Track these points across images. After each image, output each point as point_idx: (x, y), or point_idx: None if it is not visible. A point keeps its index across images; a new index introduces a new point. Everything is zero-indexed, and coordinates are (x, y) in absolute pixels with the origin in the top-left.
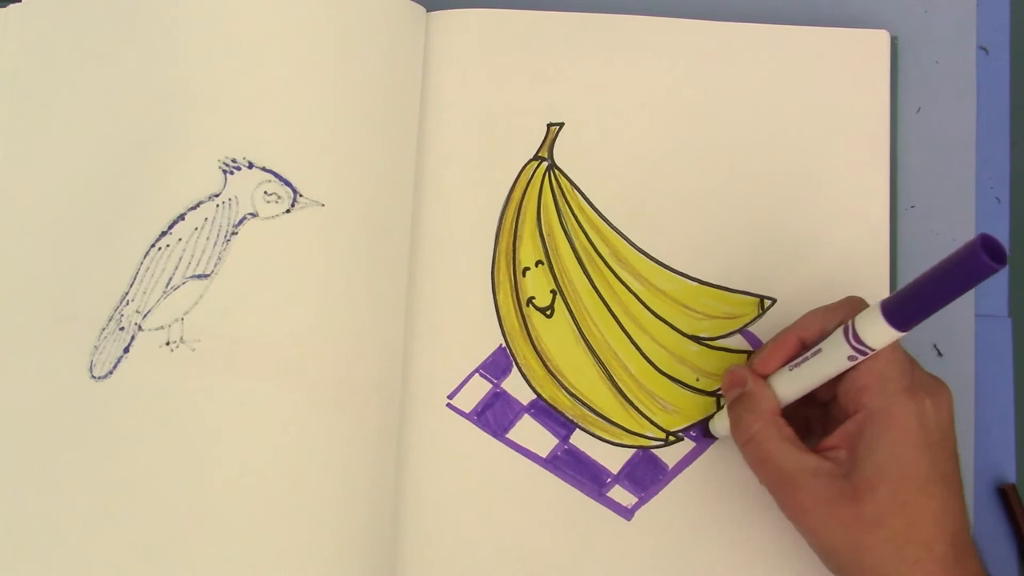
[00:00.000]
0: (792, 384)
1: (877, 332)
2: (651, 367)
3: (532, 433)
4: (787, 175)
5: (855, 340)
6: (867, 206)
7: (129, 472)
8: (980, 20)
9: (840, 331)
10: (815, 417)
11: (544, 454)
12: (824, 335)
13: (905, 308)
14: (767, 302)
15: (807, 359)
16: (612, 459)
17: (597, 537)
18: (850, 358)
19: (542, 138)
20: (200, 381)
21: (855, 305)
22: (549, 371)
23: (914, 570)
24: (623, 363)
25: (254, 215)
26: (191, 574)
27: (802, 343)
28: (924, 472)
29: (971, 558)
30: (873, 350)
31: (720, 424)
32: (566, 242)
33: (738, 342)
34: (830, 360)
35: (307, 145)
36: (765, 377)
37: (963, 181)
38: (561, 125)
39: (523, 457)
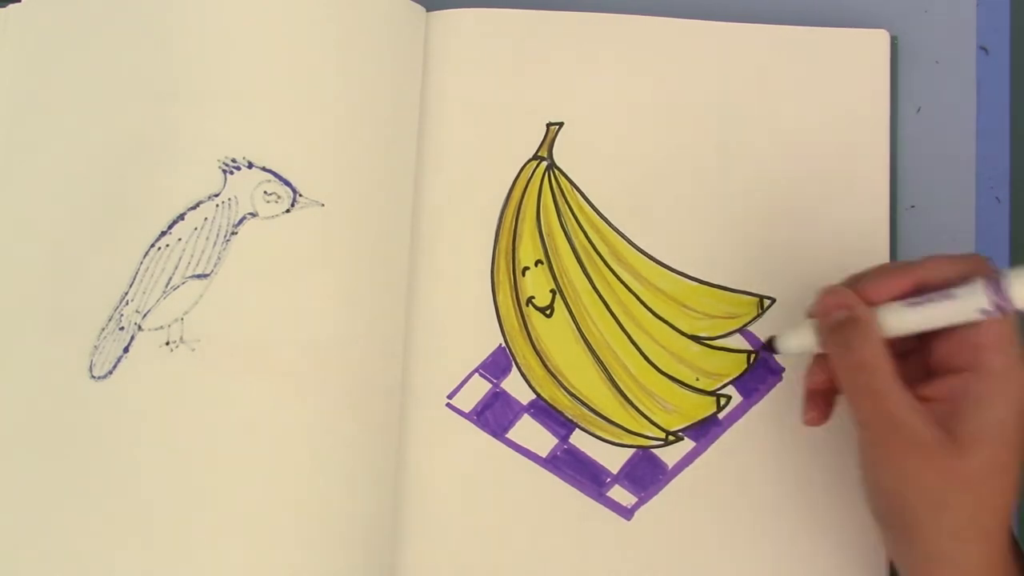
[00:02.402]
0: (905, 320)
1: None
2: (651, 367)
3: (532, 433)
4: (787, 175)
5: (998, 295)
6: (867, 206)
7: (129, 472)
8: (980, 20)
9: (981, 281)
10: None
11: (544, 454)
12: (945, 284)
13: None
14: (767, 302)
15: (932, 300)
16: (612, 459)
17: (597, 537)
18: (983, 311)
19: (542, 138)
20: (200, 381)
21: (978, 263)
22: (549, 371)
23: (983, 542)
24: (623, 363)
25: (254, 215)
26: (191, 574)
27: (919, 285)
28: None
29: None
30: (1013, 310)
31: (795, 341)
32: (566, 242)
33: (738, 342)
34: (961, 307)
35: (307, 145)
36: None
37: (963, 181)
38: (561, 125)
39: (523, 457)
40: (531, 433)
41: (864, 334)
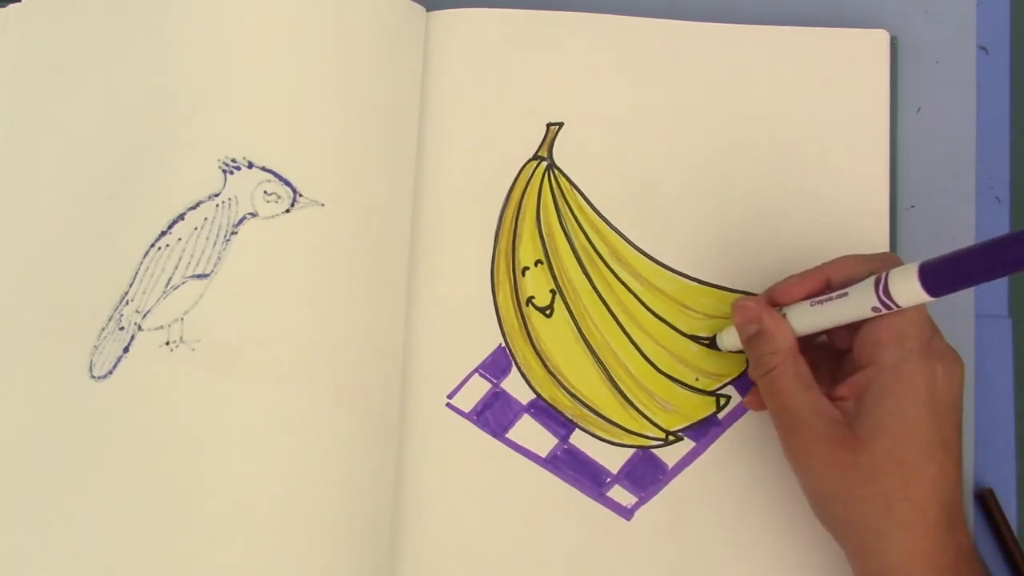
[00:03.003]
0: (809, 319)
1: (908, 291)
2: (651, 367)
3: (532, 433)
4: (787, 175)
5: (884, 293)
6: (867, 206)
7: (129, 471)
8: (980, 20)
9: (871, 280)
10: (826, 366)
11: (544, 454)
12: (852, 281)
13: (942, 275)
14: None
15: (831, 299)
16: (612, 459)
17: (596, 537)
18: (874, 309)
19: (542, 138)
20: (200, 381)
21: (889, 261)
22: (549, 371)
23: (903, 532)
24: (623, 363)
25: (254, 215)
26: (190, 573)
27: (828, 283)
28: (926, 434)
29: (961, 529)
30: (899, 307)
31: (728, 339)
32: (565, 242)
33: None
34: (854, 305)
35: (307, 145)
36: (780, 307)
37: (963, 181)
38: (561, 125)
39: (523, 457)
40: (531, 433)
41: (769, 343)
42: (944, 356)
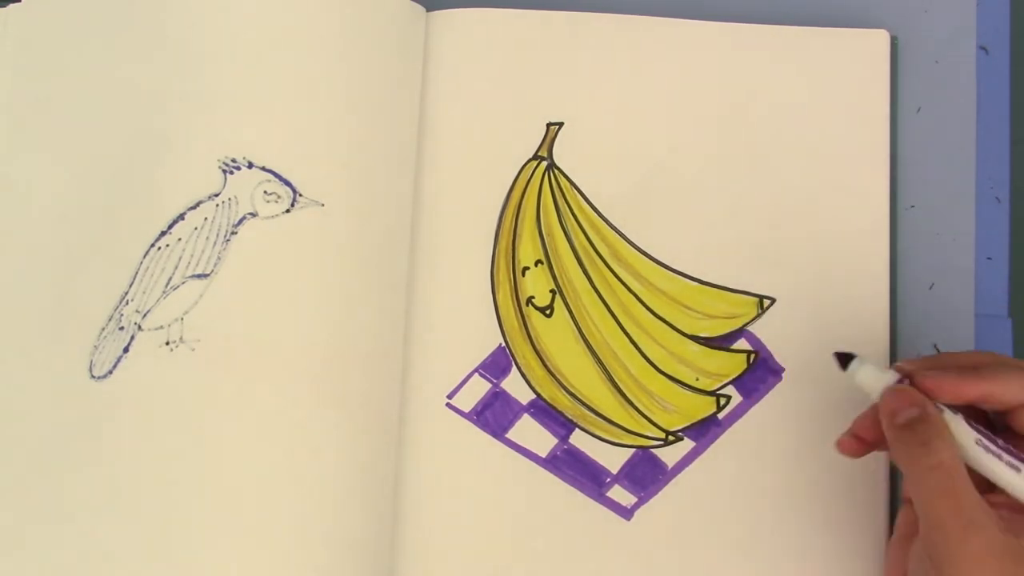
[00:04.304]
0: (972, 454)
1: None
2: (651, 367)
3: (532, 433)
4: (787, 175)
5: None
6: (867, 206)
7: (128, 472)
8: (980, 20)
9: None
10: None
11: (544, 454)
12: (1015, 402)
13: None
14: (767, 302)
15: (1000, 456)
16: (612, 459)
17: (596, 537)
18: None
19: (542, 138)
20: (200, 381)
21: None
22: (549, 371)
23: None
24: (623, 363)
25: (254, 215)
26: (190, 573)
27: (986, 397)
28: None
29: None
30: None
31: (873, 377)
32: (565, 242)
33: (738, 342)
34: (1017, 484)
35: (307, 145)
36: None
37: (963, 181)
38: (561, 125)
39: (523, 457)
40: (531, 433)
41: (942, 434)
42: None
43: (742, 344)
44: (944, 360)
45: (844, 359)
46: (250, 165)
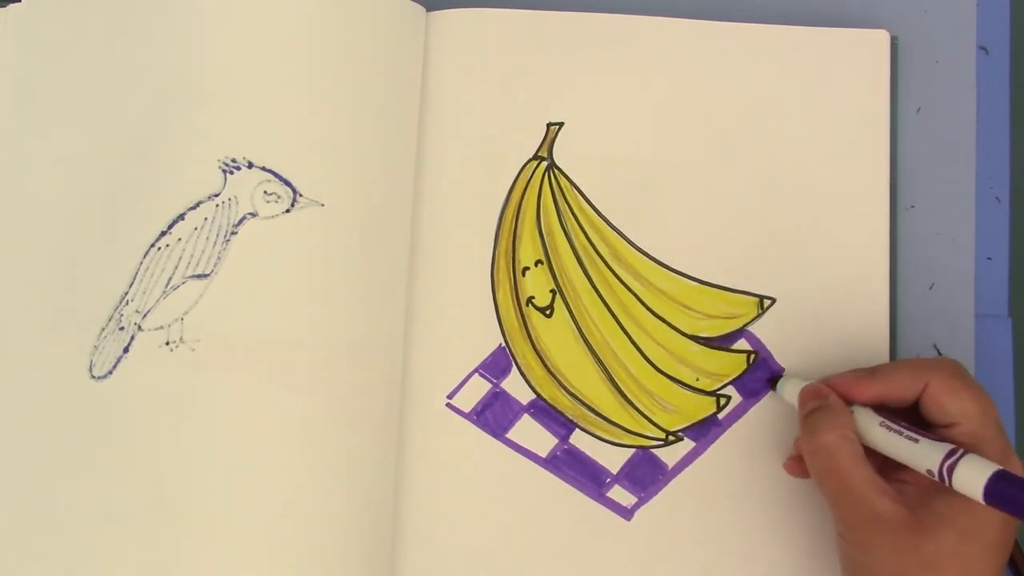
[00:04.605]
0: (873, 434)
1: (968, 487)
2: (651, 367)
3: (532, 433)
4: (787, 175)
5: (948, 472)
6: (867, 206)
7: (128, 471)
8: (980, 20)
9: (943, 451)
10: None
11: (544, 454)
12: (910, 396)
13: (1006, 496)
14: (767, 302)
15: (901, 433)
16: (612, 459)
17: (596, 537)
18: (928, 472)
19: (542, 138)
20: (200, 381)
21: (946, 370)
22: (549, 371)
23: None
24: (623, 363)
25: (254, 215)
26: (190, 572)
27: (883, 398)
28: (991, 537)
29: None
30: (953, 488)
31: (790, 387)
32: (565, 242)
33: (738, 342)
34: (918, 458)
35: (307, 145)
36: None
37: (963, 181)
38: (561, 125)
39: (523, 457)
40: (531, 433)
41: (827, 418)
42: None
43: (742, 344)
44: (864, 369)
45: (773, 381)
46: (250, 165)
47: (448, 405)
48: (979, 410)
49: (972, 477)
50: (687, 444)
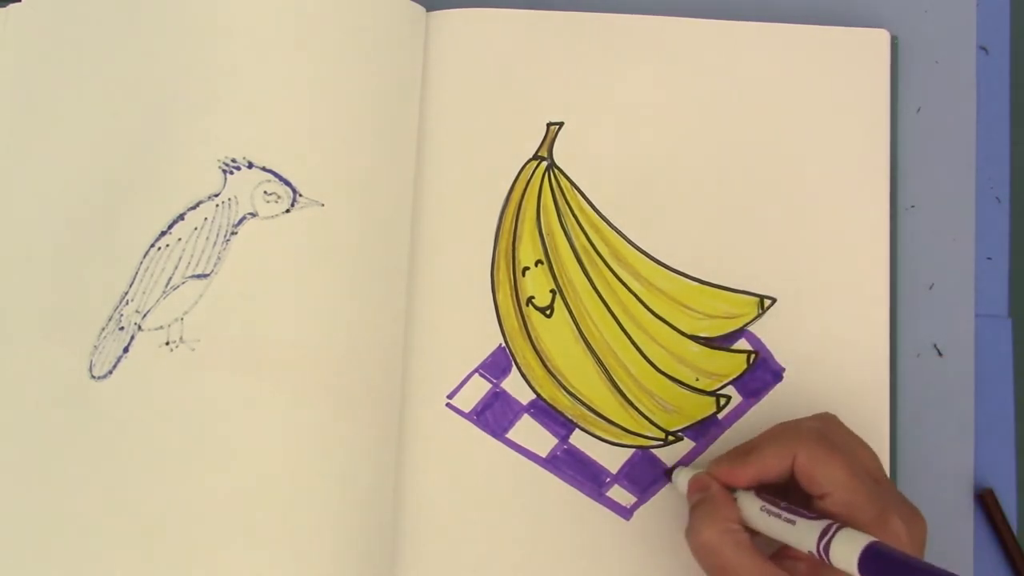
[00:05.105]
0: (756, 519)
1: (844, 562)
2: (651, 367)
3: (531, 433)
4: (787, 175)
5: (824, 550)
6: (867, 206)
7: (128, 472)
8: (980, 20)
9: (819, 528)
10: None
11: (543, 454)
12: (784, 472)
13: (881, 565)
14: (767, 301)
15: (779, 516)
16: (611, 459)
17: (596, 537)
18: (810, 553)
19: (542, 138)
20: (200, 381)
21: (811, 439)
22: (549, 371)
23: None
24: (622, 363)
25: (254, 215)
26: (190, 573)
27: (760, 479)
28: None
29: None
30: (833, 566)
31: (682, 478)
32: (566, 242)
33: (738, 342)
34: (798, 537)
35: (307, 145)
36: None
37: (963, 181)
38: (561, 125)
39: (523, 457)
40: (531, 433)
41: (709, 513)
42: (904, 515)
43: (742, 344)
44: (740, 450)
45: (670, 472)
46: (250, 165)
47: (448, 405)
48: (847, 474)
49: (846, 554)
50: (687, 444)
